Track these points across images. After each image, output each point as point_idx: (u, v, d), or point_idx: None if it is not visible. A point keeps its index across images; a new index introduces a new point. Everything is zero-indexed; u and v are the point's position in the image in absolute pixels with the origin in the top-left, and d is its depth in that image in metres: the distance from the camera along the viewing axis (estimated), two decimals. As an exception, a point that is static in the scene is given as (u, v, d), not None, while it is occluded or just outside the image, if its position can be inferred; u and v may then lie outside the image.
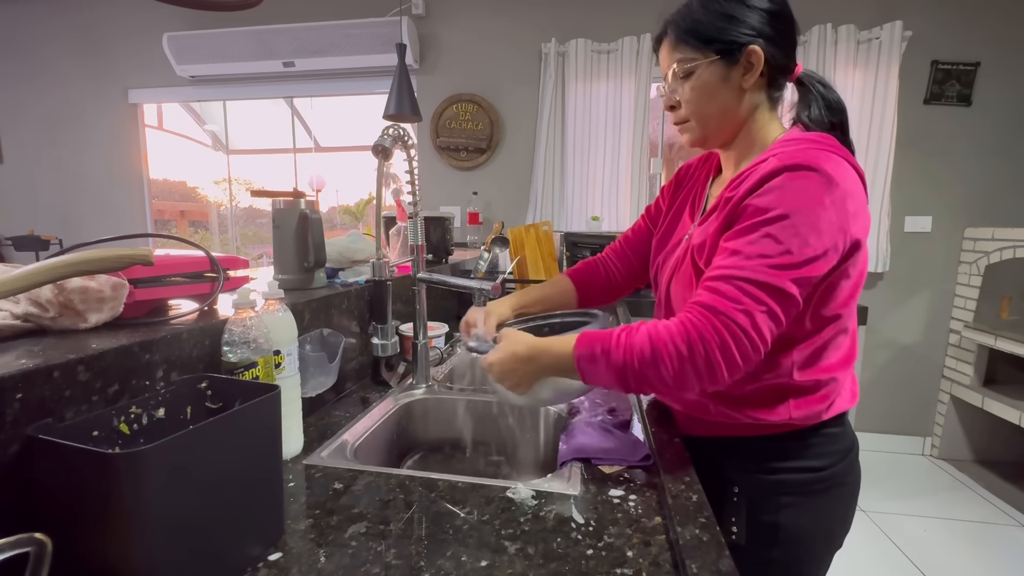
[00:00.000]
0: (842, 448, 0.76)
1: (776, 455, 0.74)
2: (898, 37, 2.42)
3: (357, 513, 0.61)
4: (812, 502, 0.75)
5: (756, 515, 0.75)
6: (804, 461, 0.74)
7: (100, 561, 0.42)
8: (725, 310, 0.60)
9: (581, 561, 0.52)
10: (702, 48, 0.70)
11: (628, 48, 2.64)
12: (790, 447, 0.74)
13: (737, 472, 0.76)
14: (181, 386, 0.57)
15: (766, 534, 0.75)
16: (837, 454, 0.75)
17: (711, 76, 0.71)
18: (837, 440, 0.76)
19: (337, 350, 0.89)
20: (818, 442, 0.74)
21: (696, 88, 0.72)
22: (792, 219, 0.60)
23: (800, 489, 0.74)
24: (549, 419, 1.00)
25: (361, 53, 2.80)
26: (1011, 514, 2.19)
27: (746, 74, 0.70)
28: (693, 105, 0.73)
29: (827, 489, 0.75)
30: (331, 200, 4.24)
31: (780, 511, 0.74)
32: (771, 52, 0.69)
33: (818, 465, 0.74)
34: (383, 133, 0.93)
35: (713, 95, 0.72)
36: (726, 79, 0.71)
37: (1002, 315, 2.53)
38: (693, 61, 0.71)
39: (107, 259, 0.54)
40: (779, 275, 0.60)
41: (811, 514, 0.75)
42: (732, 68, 0.70)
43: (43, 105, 3.30)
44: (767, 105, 0.74)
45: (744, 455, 0.76)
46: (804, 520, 0.74)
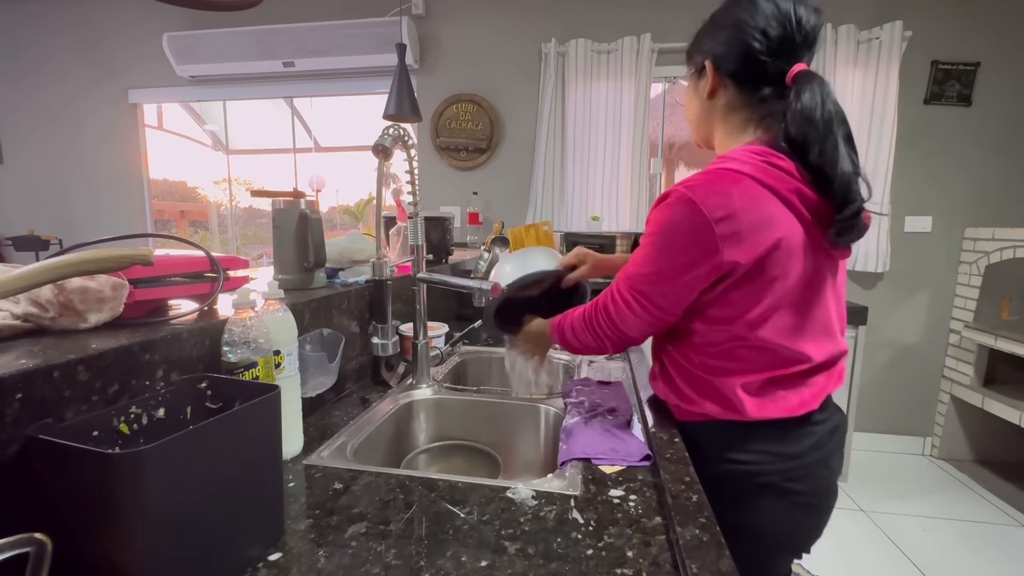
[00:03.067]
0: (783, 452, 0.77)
1: (706, 446, 0.79)
2: (898, 37, 2.42)
3: (357, 513, 0.61)
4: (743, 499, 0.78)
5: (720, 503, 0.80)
6: (733, 455, 0.77)
7: (100, 561, 0.42)
8: (602, 300, 0.83)
9: (581, 561, 0.52)
10: (689, 65, 0.85)
11: (628, 48, 2.64)
12: (721, 439, 0.79)
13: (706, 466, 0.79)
14: (181, 386, 0.57)
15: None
16: (770, 456, 0.76)
17: (692, 86, 0.85)
18: (775, 443, 0.77)
19: (337, 350, 0.89)
20: (742, 439, 0.77)
21: (686, 95, 0.87)
22: (654, 237, 0.73)
23: (730, 481, 0.78)
24: (549, 419, 1.00)
25: (361, 53, 2.80)
26: (1011, 514, 2.19)
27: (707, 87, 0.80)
28: (686, 110, 0.88)
29: (757, 490, 0.77)
30: (331, 200, 4.25)
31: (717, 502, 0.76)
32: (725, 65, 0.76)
33: (745, 460, 0.77)
34: (383, 133, 0.93)
35: (691, 102, 0.86)
36: (695, 89, 0.84)
37: (1002, 315, 2.53)
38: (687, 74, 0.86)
39: (107, 259, 0.54)
40: (641, 279, 0.76)
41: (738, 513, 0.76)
42: (700, 80, 0.82)
43: (43, 105, 3.30)
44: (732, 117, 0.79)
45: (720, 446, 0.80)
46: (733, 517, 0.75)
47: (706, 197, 0.67)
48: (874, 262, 2.56)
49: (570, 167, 2.81)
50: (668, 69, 2.71)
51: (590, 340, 0.84)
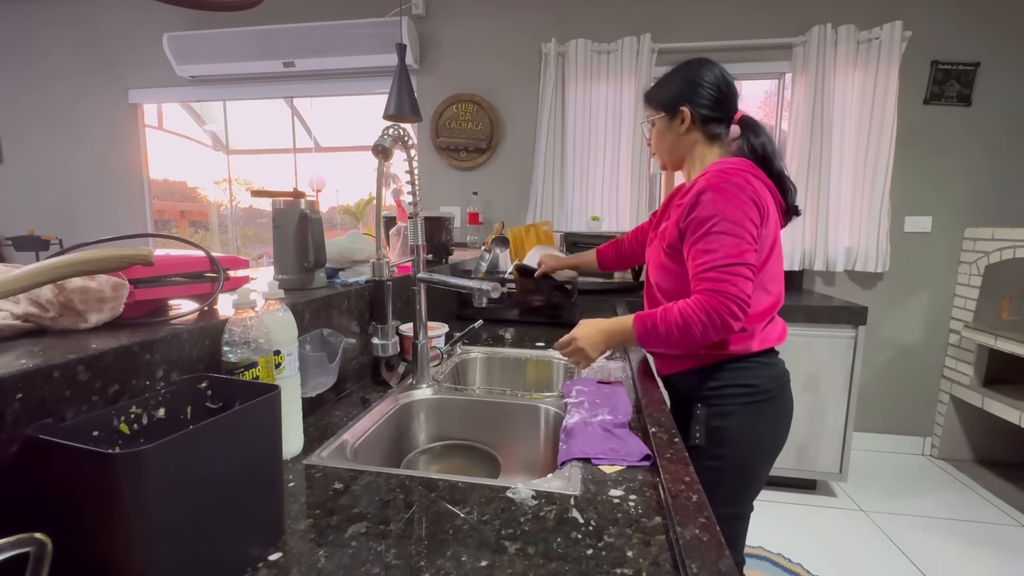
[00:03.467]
0: (773, 374, 1.08)
1: (724, 377, 1.06)
2: (898, 37, 2.42)
3: (357, 513, 0.61)
4: (749, 411, 1.06)
5: (710, 422, 1.07)
6: (743, 380, 1.05)
7: (100, 561, 0.42)
8: (719, 287, 0.93)
9: (581, 561, 0.52)
10: (657, 109, 1.14)
11: (628, 48, 2.64)
12: (733, 370, 1.06)
13: (699, 393, 1.08)
14: (181, 386, 0.57)
15: (716, 435, 1.07)
16: (768, 377, 1.07)
17: (663, 126, 1.13)
18: (768, 367, 1.08)
19: (337, 350, 0.89)
20: (752, 367, 1.06)
21: (655, 133, 1.16)
22: (731, 219, 0.95)
23: (740, 400, 1.05)
24: (549, 419, 1.00)
25: (361, 53, 2.80)
26: (1011, 514, 2.19)
27: (681, 124, 1.10)
28: (655, 144, 1.17)
29: (760, 402, 1.06)
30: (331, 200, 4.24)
31: (726, 417, 1.06)
32: (696, 111, 1.08)
33: (753, 383, 1.05)
34: (383, 133, 0.93)
35: (663, 138, 1.14)
36: (670, 127, 1.12)
37: (1002, 315, 2.53)
38: (653, 116, 1.15)
39: (107, 259, 0.54)
40: (742, 255, 0.94)
41: (748, 420, 1.06)
42: (673, 121, 1.11)
43: (43, 105, 3.30)
44: (704, 141, 1.11)
45: (703, 379, 1.08)
46: (743, 424, 1.06)
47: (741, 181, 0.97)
48: (874, 262, 2.56)
49: (570, 167, 2.81)
50: (668, 69, 2.71)
51: (715, 330, 0.93)
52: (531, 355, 1.37)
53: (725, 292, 0.91)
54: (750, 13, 2.61)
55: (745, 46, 2.62)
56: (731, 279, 0.92)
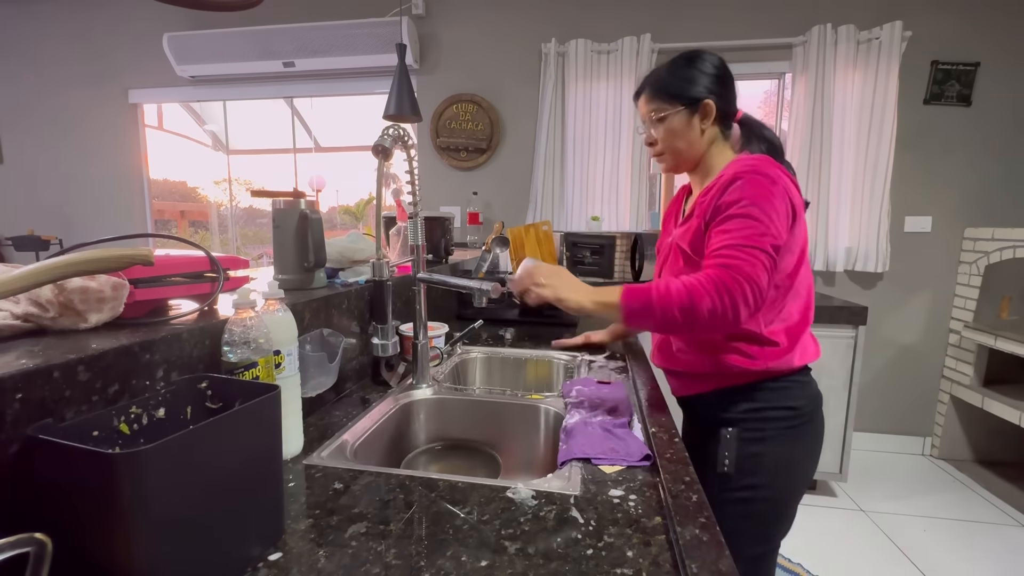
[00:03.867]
0: (811, 393, 0.99)
1: (763, 398, 0.95)
2: (898, 37, 2.42)
3: (357, 513, 0.61)
4: (788, 436, 0.96)
5: (744, 448, 0.96)
6: (784, 402, 0.95)
7: (100, 561, 0.42)
8: (734, 264, 0.81)
9: (581, 561, 0.52)
10: (672, 101, 0.98)
11: (628, 48, 2.64)
12: (773, 391, 0.95)
13: (729, 416, 0.97)
14: (181, 386, 0.57)
15: (750, 463, 0.96)
16: (807, 398, 0.97)
17: (679, 121, 0.98)
18: (807, 387, 0.98)
19: (337, 350, 0.89)
20: (792, 387, 0.96)
21: (668, 130, 0.99)
22: (758, 204, 0.85)
23: (780, 424, 0.95)
24: (549, 419, 1.00)
25: (361, 53, 2.80)
26: (1011, 514, 2.19)
27: (704, 119, 0.98)
28: (666, 143, 1.01)
29: (799, 426, 0.96)
30: (331, 200, 4.24)
31: (763, 443, 0.95)
32: (719, 103, 0.97)
33: (793, 405, 0.95)
34: (383, 133, 0.93)
35: (681, 135, 0.99)
36: (689, 123, 0.98)
37: (1002, 315, 2.53)
38: (665, 111, 0.99)
39: (107, 259, 0.54)
40: (762, 239, 0.83)
41: (786, 446, 0.96)
42: (693, 115, 0.98)
43: (43, 105, 3.30)
44: (721, 139, 1.01)
45: (736, 400, 0.97)
46: (780, 450, 0.95)
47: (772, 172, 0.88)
48: (874, 262, 2.56)
49: (570, 167, 2.81)
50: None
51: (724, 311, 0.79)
52: (531, 355, 1.37)
53: (739, 270, 0.79)
54: (750, 13, 2.61)
55: (745, 46, 2.62)
56: (748, 259, 0.80)
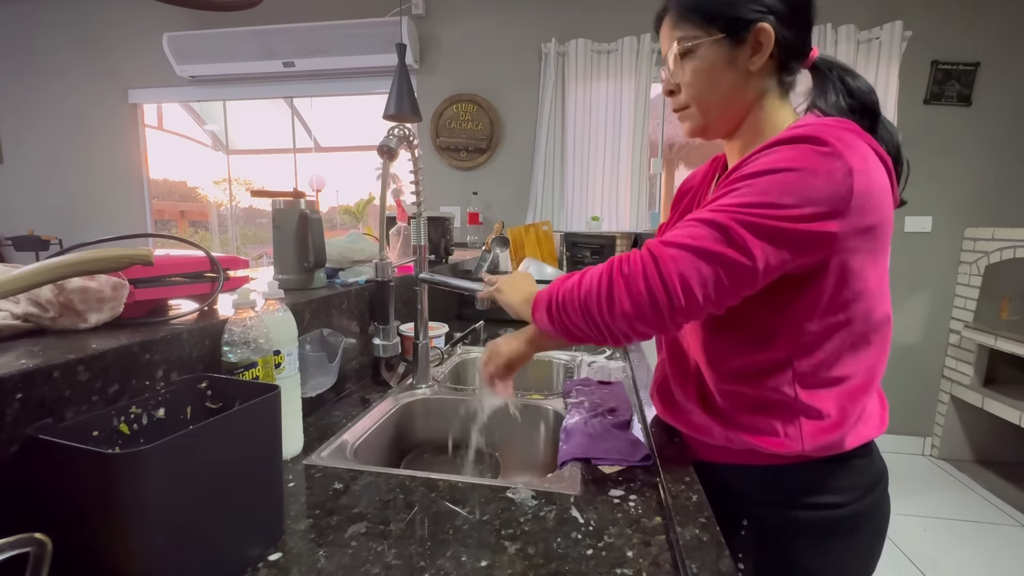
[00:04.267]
0: (869, 481, 0.66)
1: (791, 488, 0.65)
2: (898, 37, 2.42)
3: (357, 513, 0.61)
4: (832, 544, 0.66)
5: (766, 554, 0.67)
6: (824, 496, 0.64)
7: (100, 561, 0.42)
8: (652, 245, 0.57)
9: (581, 561, 0.52)
10: (706, 25, 0.63)
11: (628, 48, 2.64)
12: (808, 479, 0.65)
13: (747, 504, 0.68)
14: (181, 386, 0.57)
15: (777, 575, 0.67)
16: (862, 488, 0.65)
17: (715, 56, 0.63)
18: (863, 472, 0.66)
19: (337, 350, 0.89)
20: (841, 474, 0.65)
21: (698, 70, 0.64)
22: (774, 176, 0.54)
23: (818, 529, 0.65)
24: (549, 419, 1.00)
25: (361, 53, 2.80)
26: (1011, 514, 2.19)
27: (754, 55, 0.62)
28: (694, 89, 0.66)
29: (851, 530, 0.66)
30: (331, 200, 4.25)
31: (795, 553, 0.66)
32: (782, 32, 0.61)
33: (839, 501, 0.64)
34: (388, 134, 0.92)
35: (717, 78, 0.64)
36: (731, 60, 0.63)
37: (1002, 315, 2.53)
38: (695, 39, 0.63)
39: (107, 259, 0.54)
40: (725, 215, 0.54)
41: (830, 558, 0.66)
42: (738, 48, 0.62)
43: (43, 105, 3.30)
44: (776, 91, 0.65)
45: (755, 485, 0.68)
46: (820, 564, 0.66)
47: (842, 142, 0.54)
48: (874, 262, 2.55)
49: (570, 167, 2.81)
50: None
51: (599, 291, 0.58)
52: (531, 355, 1.37)
53: (650, 250, 0.57)
54: (750, 13, 2.61)
55: (745, 46, 2.62)
56: (679, 239, 0.55)
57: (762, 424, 0.63)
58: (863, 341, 0.62)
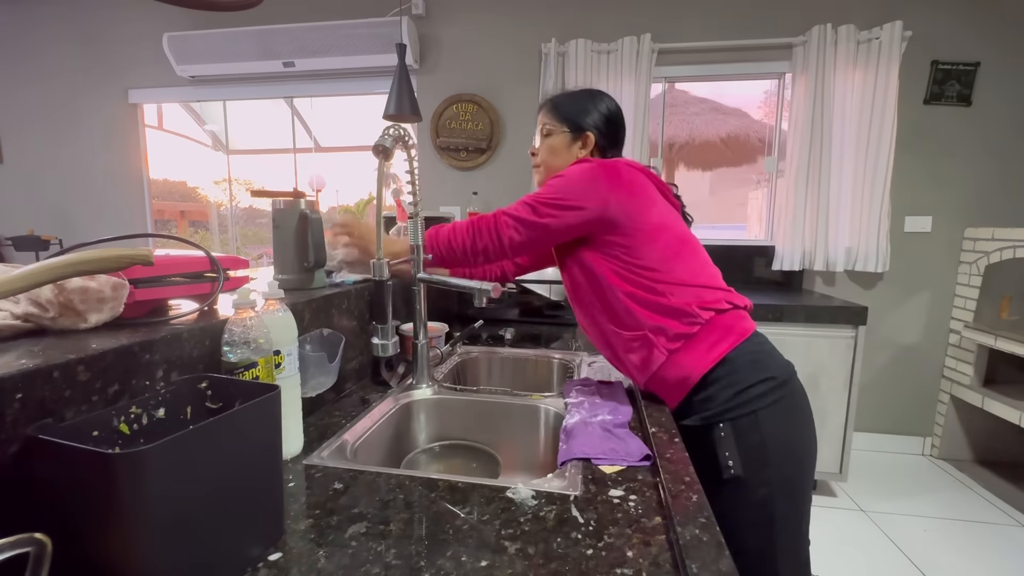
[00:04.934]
0: (784, 363, 0.94)
1: (740, 375, 0.89)
2: (898, 37, 2.42)
3: (357, 513, 0.61)
4: (779, 409, 0.88)
5: (745, 439, 0.87)
6: (762, 373, 0.89)
7: (100, 561, 0.42)
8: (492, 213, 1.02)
9: (581, 561, 0.52)
10: (561, 122, 1.07)
11: (628, 48, 2.64)
12: (746, 364, 0.89)
13: (718, 412, 0.89)
14: (181, 386, 0.57)
15: (755, 454, 0.86)
16: (782, 367, 0.92)
17: (560, 142, 1.07)
18: (770, 352, 0.94)
19: (337, 350, 0.89)
20: (759, 354, 0.91)
21: (549, 146, 1.09)
22: (559, 180, 0.96)
23: (768, 398, 0.88)
24: (549, 419, 1.00)
25: (361, 53, 2.80)
26: (1011, 514, 2.19)
27: (582, 148, 1.07)
28: (543, 156, 1.11)
29: (787, 396, 0.90)
30: (331, 200, 4.24)
31: (760, 426, 0.87)
32: (600, 139, 1.07)
33: (772, 375, 0.89)
34: (384, 133, 0.93)
35: (559, 154, 1.08)
36: (568, 146, 1.07)
37: (1002, 315, 2.53)
38: (553, 128, 1.08)
39: (107, 259, 0.54)
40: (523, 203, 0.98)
41: (783, 421, 0.89)
42: (575, 141, 1.07)
43: (43, 105, 3.30)
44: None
45: (713, 398, 0.89)
46: (780, 428, 0.88)
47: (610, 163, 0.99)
48: (874, 262, 2.56)
49: (570, 167, 2.80)
50: (668, 69, 2.71)
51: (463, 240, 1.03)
52: (531, 355, 1.37)
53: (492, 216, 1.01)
54: (750, 13, 2.61)
55: (745, 46, 2.62)
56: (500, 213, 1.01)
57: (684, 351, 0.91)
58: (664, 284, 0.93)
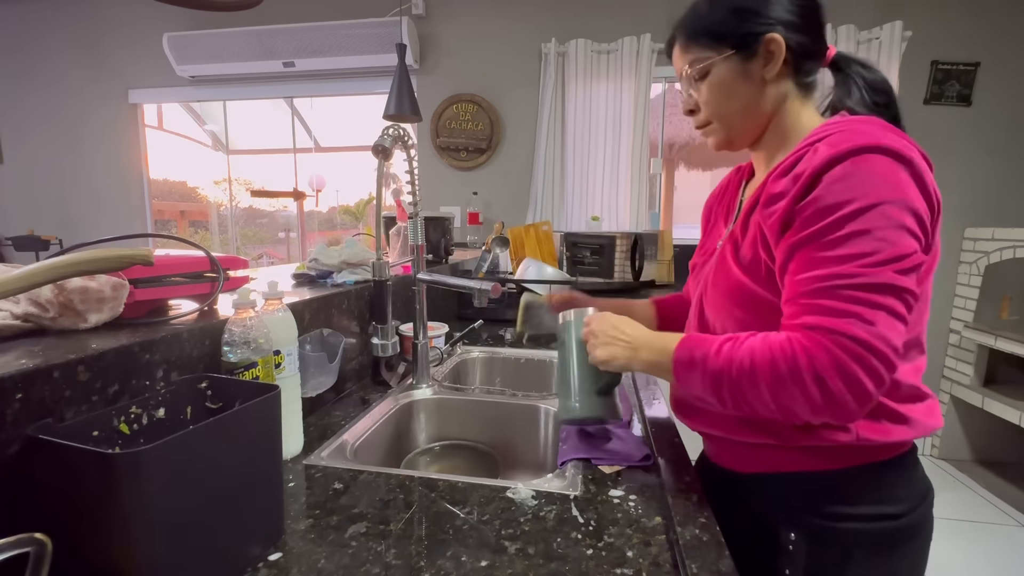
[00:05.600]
0: (921, 491, 0.65)
1: (845, 497, 0.63)
2: (898, 37, 2.42)
3: (357, 513, 0.61)
4: (885, 557, 0.63)
5: (816, 570, 0.64)
6: (880, 507, 0.62)
7: (100, 561, 0.42)
8: (836, 326, 0.51)
9: (581, 561, 0.52)
10: (715, 45, 0.65)
11: (628, 48, 2.64)
12: (863, 487, 0.63)
13: (795, 516, 0.65)
14: (181, 386, 0.57)
15: None
16: (916, 498, 0.64)
17: (728, 73, 0.65)
18: (915, 481, 0.65)
19: (337, 350, 0.89)
20: (894, 482, 0.63)
21: (714, 87, 0.67)
22: (879, 208, 0.52)
23: (873, 541, 0.62)
24: (549, 419, 1.00)
25: (361, 53, 2.80)
26: (1011, 514, 2.19)
27: (767, 65, 0.64)
28: (712, 106, 0.68)
29: (904, 541, 0.64)
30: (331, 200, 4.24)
31: (847, 567, 0.63)
32: (793, 38, 0.63)
33: (895, 512, 0.62)
34: (383, 133, 0.93)
35: (733, 93, 0.66)
36: (745, 74, 0.65)
37: (1002, 315, 2.53)
38: (707, 60, 0.66)
39: (107, 259, 0.54)
40: (885, 271, 0.51)
41: (883, 571, 0.64)
42: (751, 61, 0.64)
43: (43, 105, 3.30)
44: (797, 94, 0.67)
45: (805, 495, 0.64)
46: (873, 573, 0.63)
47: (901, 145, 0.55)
48: (874, 262, 2.55)
49: (570, 167, 2.81)
50: (668, 69, 2.71)
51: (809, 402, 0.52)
52: (531, 355, 1.37)
53: (844, 334, 0.51)
54: (750, 13, 2.61)
55: (745, 46, 2.62)
56: (864, 311, 0.51)
57: None
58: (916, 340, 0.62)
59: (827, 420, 0.54)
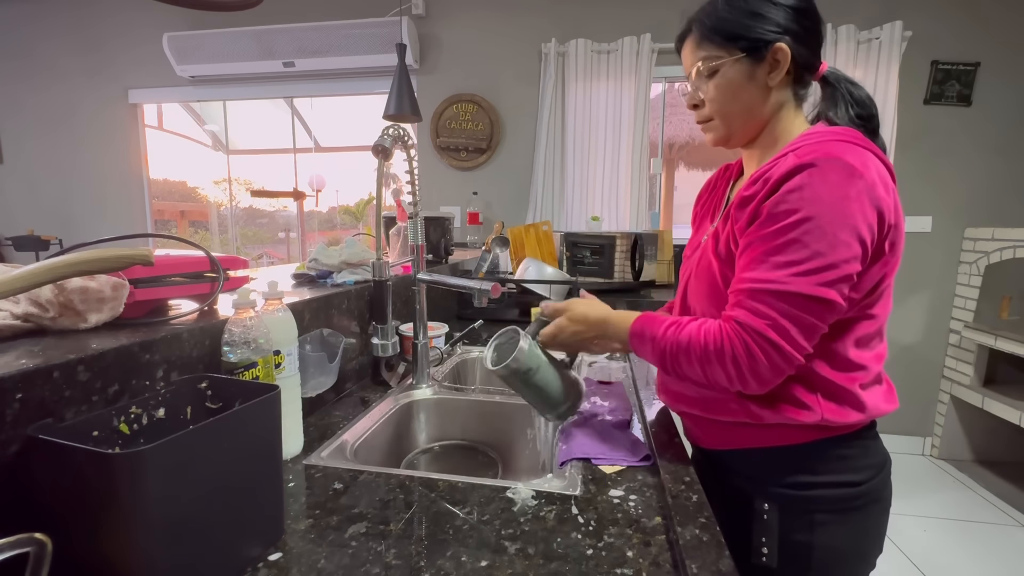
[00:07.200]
0: (878, 461, 0.73)
1: (810, 468, 0.70)
2: (898, 37, 2.42)
3: (357, 513, 0.61)
4: (848, 520, 0.71)
5: (788, 535, 0.71)
6: (841, 475, 0.70)
7: (100, 561, 0.42)
8: (756, 326, 0.62)
9: (581, 561, 0.52)
10: (727, 46, 0.70)
11: (628, 48, 2.64)
12: (825, 459, 0.70)
13: (767, 487, 0.72)
14: (181, 386, 0.57)
15: (800, 556, 0.71)
16: (873, 467, 0.72)
17: (736, 74, 0.70)
18: (873, 452, 0.73)
19: (337, 350, 0.89)
20: (854, 454, 0.71)
21: (721, 86, 0.71)
22: (816, 220, 0.60)
23: (836, 506, 0.70)
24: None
25: (361, 53, 2.80)
26: (1011, 514, 2.19)
27: (772, 72, 0.69)
28: (717, 104, 0.73)
29: (864, 506, 0.71)
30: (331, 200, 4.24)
31: (815, 530, 0.70)
32: (797, 50, 0.69)
33: (855, 480, 0.70)
34: (383, 133, 0.93)
35: (738, 93, 0.71)
36: (751, 77, 0.70)
37: (1002, 315, 2.53)
38: (718, 59, 0.70)
39: (107, 259, 0.54)
40: (808, 282, 0.60)
41: (847, 533, 0.71)
42: (758, 66, 0.69)
43: (43, 105, 3.30)
44: (792, 103, 0.73)
45: (774, 468, 0.72)
46: (840, 540, 0.71)
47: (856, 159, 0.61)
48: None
49: (570, 167, 2.81)
50: (668, 69, 2.71)
51: (727, 377, 0.64)
52: (531, 355, 1.37)
53: (760, 334, 0.61)
54: (750, 13, 2.61)
55: (745, 46, 2.62)
56: (779, 319, 0.61)
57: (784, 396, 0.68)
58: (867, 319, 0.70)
59: (739, 390, 0.66)
